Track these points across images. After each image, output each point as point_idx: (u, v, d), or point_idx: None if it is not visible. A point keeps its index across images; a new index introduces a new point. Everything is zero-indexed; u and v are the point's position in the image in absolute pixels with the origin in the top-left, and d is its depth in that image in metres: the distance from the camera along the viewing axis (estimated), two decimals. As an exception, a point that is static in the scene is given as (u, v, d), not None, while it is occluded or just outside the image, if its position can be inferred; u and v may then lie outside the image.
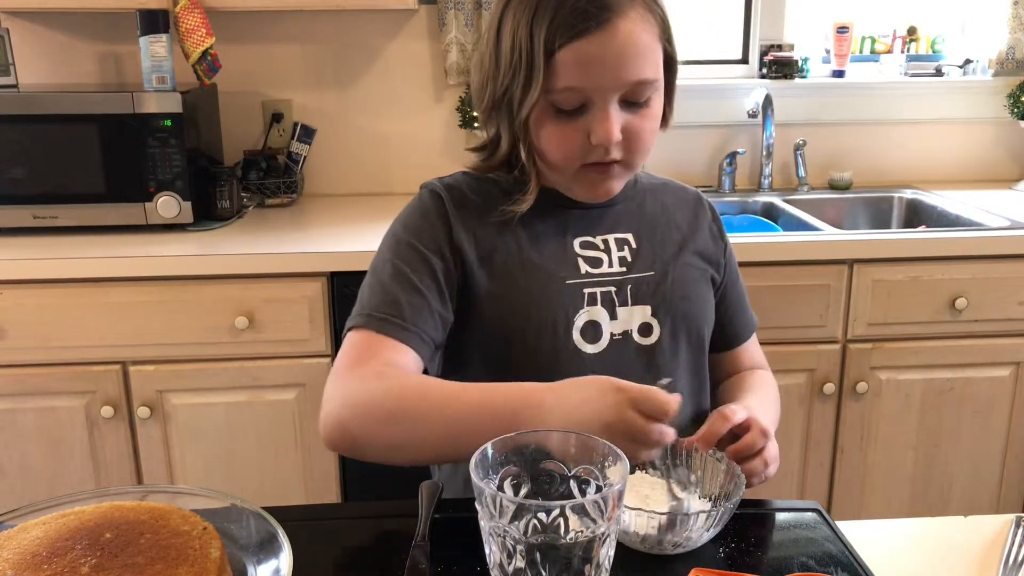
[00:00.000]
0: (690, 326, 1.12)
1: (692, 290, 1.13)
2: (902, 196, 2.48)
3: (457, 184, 1.13)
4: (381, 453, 0.96)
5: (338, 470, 1.99)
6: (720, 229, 1.21)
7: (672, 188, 1.22)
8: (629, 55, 0.98)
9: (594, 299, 1.07)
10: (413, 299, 1.02)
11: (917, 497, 2.14)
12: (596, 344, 1.07)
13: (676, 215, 1.17)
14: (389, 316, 1.01)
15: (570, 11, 0.96)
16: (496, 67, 1.03)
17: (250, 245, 1.94)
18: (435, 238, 1.07)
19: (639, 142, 1.03)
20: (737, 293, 1.23)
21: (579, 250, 1.10)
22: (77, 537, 0.76)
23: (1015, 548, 0.93)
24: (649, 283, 1.10)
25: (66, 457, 1.92)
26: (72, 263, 1.83)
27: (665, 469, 0.96)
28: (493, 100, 1.05)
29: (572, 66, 0.97)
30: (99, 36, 2.30)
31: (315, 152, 2.38)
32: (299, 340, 1.90)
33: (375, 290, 1.05)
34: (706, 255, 1.17)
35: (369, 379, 0.97)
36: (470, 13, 2.31)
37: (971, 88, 2.55)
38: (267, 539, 0.81)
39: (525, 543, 0.70)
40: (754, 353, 1.25)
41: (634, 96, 1.00)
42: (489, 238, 1.08)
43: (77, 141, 1.97)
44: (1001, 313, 2.03)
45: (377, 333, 1.00)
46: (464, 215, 1.09)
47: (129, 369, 1.89)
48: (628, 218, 1.14)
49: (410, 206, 1.13)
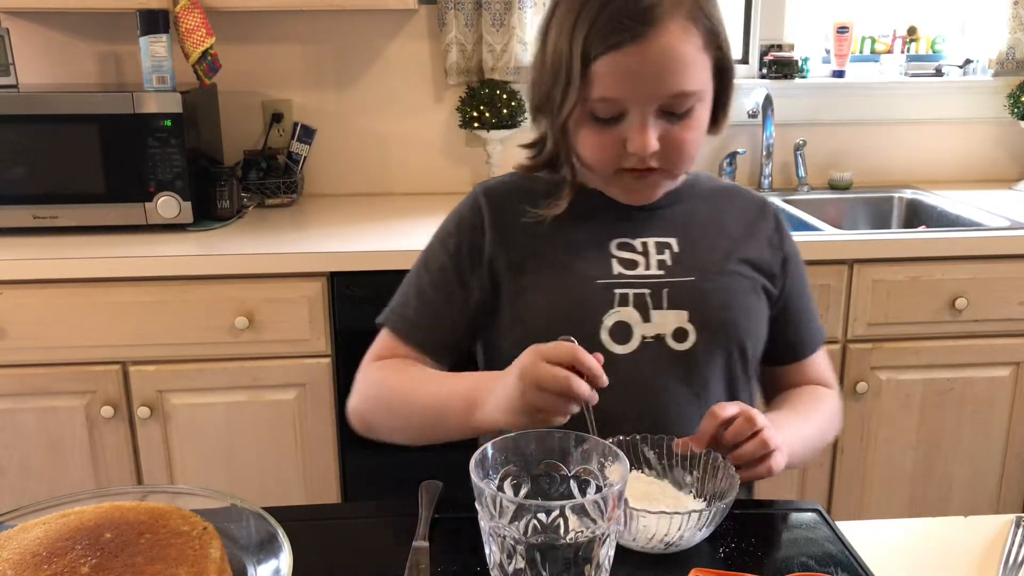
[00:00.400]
0: (729, 336, 1.09)
1: (736, 300, 1.10)
2: (902, 196, 2.48)
3: (502, 186, 1.17)
4: (388, 436, 1.11)
5: (338, 470, 1.99)
6: (782, 240, 1.16)
7: (734, 194, 1.19)
8: (666, 68, 0.97)
9: (625, 300, 1.07)
10: (432, 305, 1.12)
11: (917, 497, 2.14)
12: (626, 345, 1.06)
13: (730, 222, 1.15)
14: (404, 319, 1.13)
15: (607, 22, 0.96)
16: (542, 69, 1.05)
17: (250, 245, 1.94)
18: (461, 246, 1.12)
19: (679, 152, 1.03)
20: (799, 306, 1.18)
21: (615, 251, 1.10)
22: (77, 537, 0.77)
23: (1015, 548, 0.93)
24: (688, 289, 1.08)
25: (66, 457, 1.92)
26: (72, 263, 1.83)
27: (662, 470, 0.96)
28: (539, 101, 1.07)
29: (607, 77, 0.98)
30: (99, 36, 2.30)
31: (315, 152, 2.38)
32: (299, 340, 1.90)
33: (404, 290, 1.16)
34: (759, 265, 1.13)
35: (379, 374, 1.11)
36: (470, 13, 2.31)
37: (971, 88, 2.55)
38: (267, 539, 0.81)
39: (525, 543, 0.70)
40: (816, 368, 1.21)
41: (673, 107, 1.00)
42: (525, 240, 1.11)
43: (77, 141, 1.97)
44: (1001, 313, 2.03)
45: (396, 333, 1.13)
46: (501, 219, 1.12)
47: (129, 369, 1.89)
48: (674, 222, 1.12)
49: (452, 210, 1.18)
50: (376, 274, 1.89)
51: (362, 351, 1.93)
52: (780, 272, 1.15)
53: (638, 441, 0.96)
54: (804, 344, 1.19)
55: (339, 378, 1.94)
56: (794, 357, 1.19)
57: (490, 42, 2.31)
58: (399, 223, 2.13)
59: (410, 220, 2.15)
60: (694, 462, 0.94)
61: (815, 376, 1.20)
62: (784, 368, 1.20)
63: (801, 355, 1.19)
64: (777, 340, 1.16)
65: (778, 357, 1.18)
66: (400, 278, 1.88)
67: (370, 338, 1.92)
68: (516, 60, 2.31)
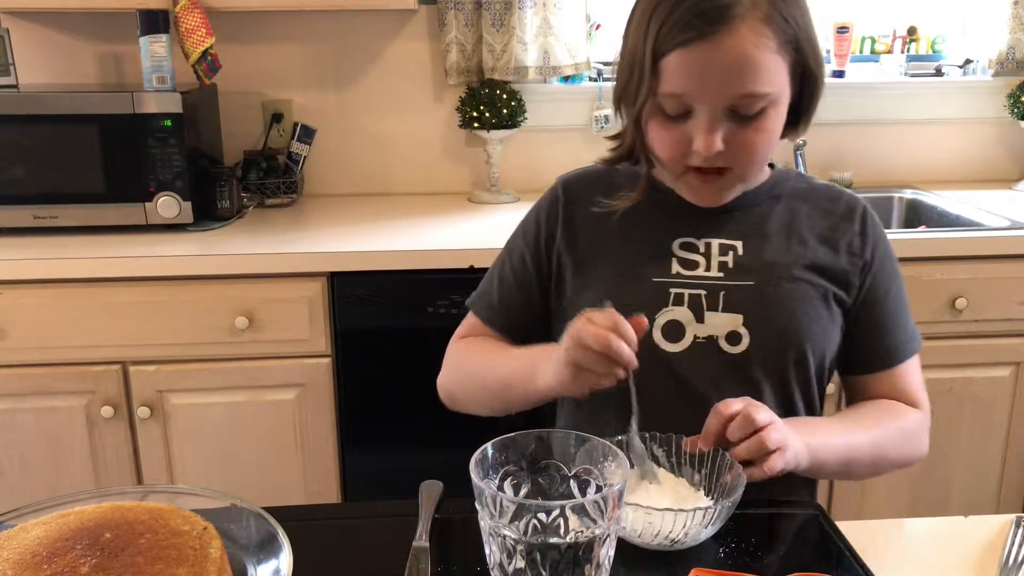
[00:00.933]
0: (785, 343, 1.07)
1: (797, 307, 1.07)
2: (902, 196, 2.48)
3: (583, 177, 1.20)
4: (471, 407, 1.18)
5: (338, 470, 1.99)
6: (864, 245, 1.12)
7: (820, 196, 1.16)
8: (734, 68, 0.96)
9: (680, 300, 1.07)
10: (511, 292, 1.19)
11: (917, 497, 2.14)
12: (677, 344, 1.06)
13: (804, 226, 1.12)
14: (490, 304, 1.20)
15: (680, 18, 0.96)
16: (621, 63, 1.07)
17: (250, 245, 1.94)
18: (539, 237, 1.17)
19: (746, 154, 1.02)
20: (882, 314, 1.13)
21: (677, 251, 1.10)
22: (77, 537, 0.77)
23: (1015, 548, 0.93)
24: (746, 293, 1.07)
25: (66, 457, 1.92)
26: (72, 263, 1.83)
27: (670, 468, 0.96)
28: (619, 93, 1.09)
29: (675, 73, 0.98)
30: (99, 36, 2.30)
31: (315, 152, 2.38)
32: (299, 340, 1.90)
33: (488, 275, 1.23)
34: (831, 272, 1.10)
35: (461, 352, 1.20)
36: (470, 13, 2.31)
37: (971, 88, 2.55)
38: (267, 539, 0.81)
39: (525, 543, 0.70)
40: (903, 381, 1.14)
41: (743, 109, 0.99)
42: (592, 234, 1.14)
43: (77, 141, 1.97)
44: (1001, 313, 2.03)
45: (479, 316, 1.21)
46: (574, 211, 1.16)
47: (129, 369, 1.89)
48: (742, 225, 1.11)
49: (536, 201, 1.22)
50: (376, 274, 1.89)
51: (362, 351, 1.94)
52: (859, 280, 1.11)
53: (647, 439, 0.96)
54: (886, 354, 1.14)
55: (339, 378, 1.94)
56: (875, 367, 1.14)
57: (490, 42, 2.31)
58: (399, 223, 2.13)
59: (410, 220, 2.15)
60: (703, 460, 0.94)
61: (902, 389, 1.14)
62: (865, 377, 1.15)
63: (881, 365, 1.14)
64: (856, 348, 1.13)
65: (857, 366, 1.15)
66: (400, 278, 1.90)
67: (369, 338, 1.94)
68: (516, 60, 2.31)
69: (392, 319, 1.92)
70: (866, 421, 1.10)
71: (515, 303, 1.18)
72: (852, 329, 1.12)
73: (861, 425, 1.09)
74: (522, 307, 1.18)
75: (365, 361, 1.95)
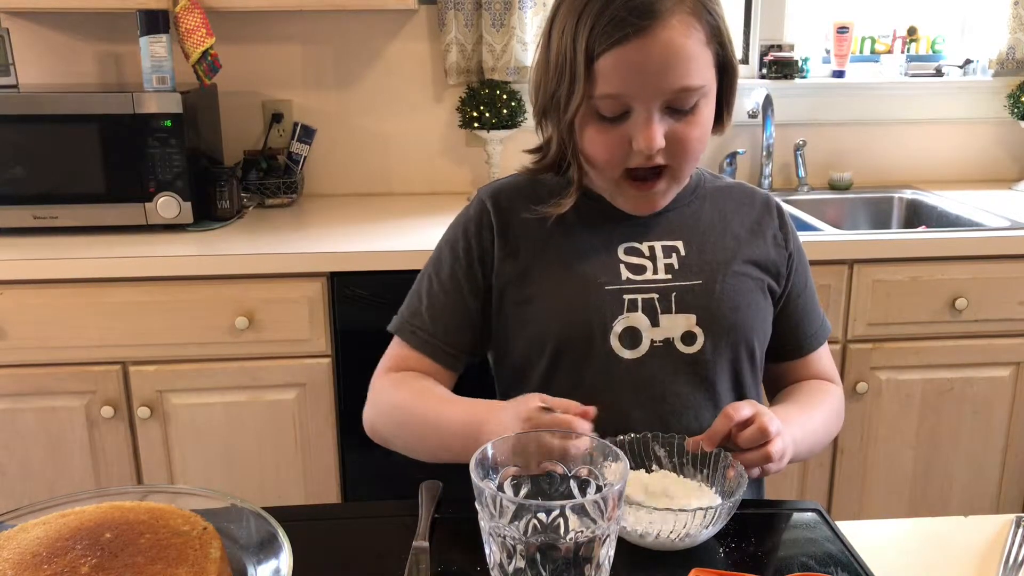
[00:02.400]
0: (738, 337, 1.09)
1: (743, 300, 1.09)
2: (902, 196, 2.48)
3: (507, 188, 1.16)
4: (402, 452, 1.11)
5: (338, 470, 1.99)
6: (787, 236, 1.16)
7: (738, 193, 1.18)
8: (670, 62, 0.96)
9: (634, 305, 1.06)
10: (442, 314, 1.12)
11: (917, 497, 2.14)
12: (635, 350, 1.06)
13: (734, 222, 1.14)
14: (416, 328, 1.13)
15: (610, 18, 0.96)
16: (546, 70, 1.04)
17: (250, 245, 1.94)
18: (471, 251, 1.12)
19: (685, 149, 1.02)
20: (804, 304, 1.18)
21: (623, 256, 1.09)
22: (77, 537, 0.77)
23: (1015, 548, 0.93)
24: (695, 292, 1.08)
25: (66, 457, 1.92)
26: (72, 263, 1.83)
27: (672, 468, 0.96)
28: (544, 103, 1.06)
29: (612, 73, 0.97)
30: (99, 36, 2.30)
31: (315, 152, 2.38)
32: (299, 340, 1.90)
33: (412, 298, 1.16)
34: (764, 264, 1.13)
35: (390, 388, 1.12)
36: (470, 13, 2.31)
37: (971, 88, 2.55)
38: (267, 539, 0.81)
39: (525, 543, 0.70)
40: (820, 364, 1.20)
41: (678, 103, 0.99)
42: (531, 246, 1.10)
43: (77, 141, 1.97)
44: (1001, 313, 2.03)
45: (407, 343, 1.14)
46: (507, 224, 1.12)
47: (129, 369, 1.89)
48: (680, 226, 1.12)
49: (458, 215, 1.17)
50: (376, 274, 1.89)
51: (362, 351, 1.94)
52: (785, 270, 1.15)
53: (649, 439, 0.97)
54: (808, 340, 1.19)
55: (339, 378, 1.94)
56: (798, 353, 1.19)
57: (490, 42, 2.31)
58: (399, 223, 2.13)
59: (410, 220, 2.15)
60: (704, 460, 0.95)
61: (819, 371, 1.20)
62: (788, 364, 1.20)
63: (805, 351, 1.19)
64: (781, 336, 1.16)
65: (782, 353, 1.18)
66: (400, 278, 1.89)
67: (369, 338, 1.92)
68: (516, 60, 2.31)
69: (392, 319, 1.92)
70: (813, 405, 1.13)
71: (449, 325, 1.12)
72: (780, 316, 1.15)
73: (812, 409, 1.12)
74: (456, 328, 1.12)
75: (365, 361, 1.93)
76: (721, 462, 0.93)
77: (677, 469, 0.96)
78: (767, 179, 2.48)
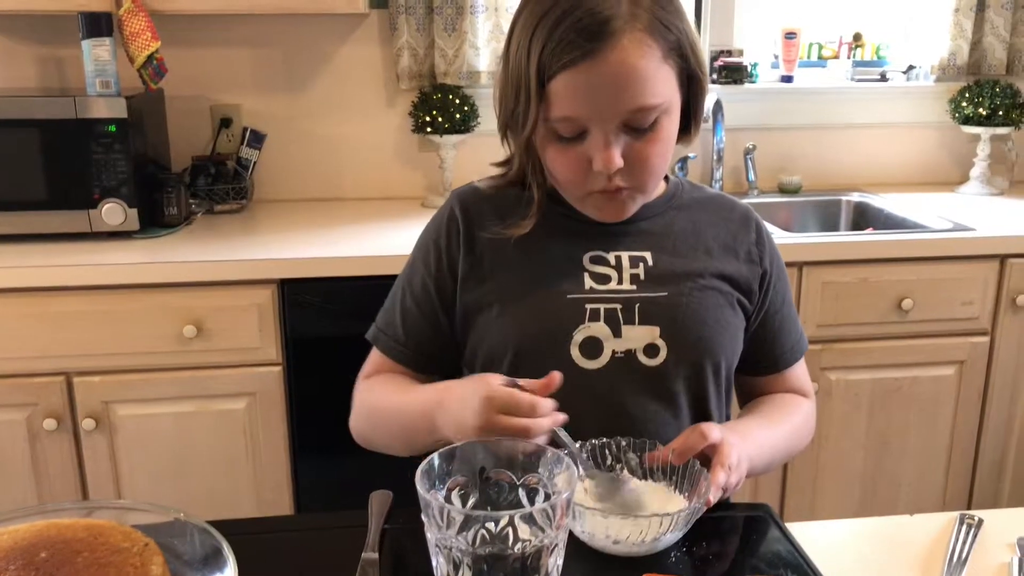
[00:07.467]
0: (702, 352, 1.07)
1: (710, 315, 1.08)
2: (850, 199, 2.52)
3: (477, 194, 1.15)
4: (385, 450, 1.14)
5: (290, 480, 1.97)
6: (763, 253, 1.14)
7: (716, 205, 1.17)
8: (622, 84, 0.95)
9: (596, 315, 1.05)
10: (416, 324, 1.13)
11: (867, 496, 2.18)
12: (595, 360, 1.05)
13: (708, 235, 1.13)
14: (392, 341, 1.14)
15: (559, 40, 0.94)
16: (505, 86, 1.03)
17: (198, 252, 1.90)
18: (440, 258, 1.12)
19: (645, 167, 1.01)
20: (780, 319, 1.16)
21: (588, 265, 1.08)
22: (11, 557, 0.74)
23: (959, 546, 0.95)
24: (660, 304, 1.06)
25: (6, 473, 1.87)
26: (13, 272, 1.78)
27: (642, 474, 0.96)
28: (505, 118, 1.05)
29: (564, 96, 0.96)
30: (40, 39, 2.24)
31: (265, 157, 2.35)
32: (249, 348, 1.87)
33: (389, 306, 1.18)
34: (735, 279, 1.11)
35: (366, 392, 1.15)
36: (421, 17, 2.30)
37: (915, 93, 2.61)
38: (212, 554, 0.79)
39: (472, 554, 0.70)
40: (794, 378, 1.20)
41: (636, 122, 0.98)
42: (496, 253, 1.10)
43: (18, 147, 1.92)
44: (946, 313, 2.08)
45: (383, 352, 1.15)
46: (473, 231, 1.11)
47: (73, 380, 1.85)
48: (649, 236, 1.11)
49: (433, 216, 1.17)
50: (328, 281, 1.87)
51: (314, 358, 1.92)
52: (758, 287, 1.13)
53: (623, 445, 0.97)
54: (784, 355, 1.18)
55: (291, 386, 1.92)
56: (773, 368, 1.18)
57: (442, 47, 2.30)
58: (351, 229, 2.11)
59: (362, 226, 2.13)
60: (673, 468, 0.95)
61: (792, 386, 1.20)
62: (763, 378, 1.19)
63: (780, 366, 1.18)
64: (756, 351, 1.15)
65: (757, 368, 1.18)
66: (353, 285, 1.88)
67: (321, 345, 1.91)
68: (468, 65, 2.30)
69: (344, 326, 1.89)
70: (778, 419, 1.13)
71: (423, 335, 1.13)
72: (756, 332, 1.15)
73: (777, 423, 1.12)
74: (429, 341, 1.13)
75: (317, 369, 1.92)
76: (690, 469, 0.93)
77: (646, 475, 0.96)
78: (717, 183, 2.50)
